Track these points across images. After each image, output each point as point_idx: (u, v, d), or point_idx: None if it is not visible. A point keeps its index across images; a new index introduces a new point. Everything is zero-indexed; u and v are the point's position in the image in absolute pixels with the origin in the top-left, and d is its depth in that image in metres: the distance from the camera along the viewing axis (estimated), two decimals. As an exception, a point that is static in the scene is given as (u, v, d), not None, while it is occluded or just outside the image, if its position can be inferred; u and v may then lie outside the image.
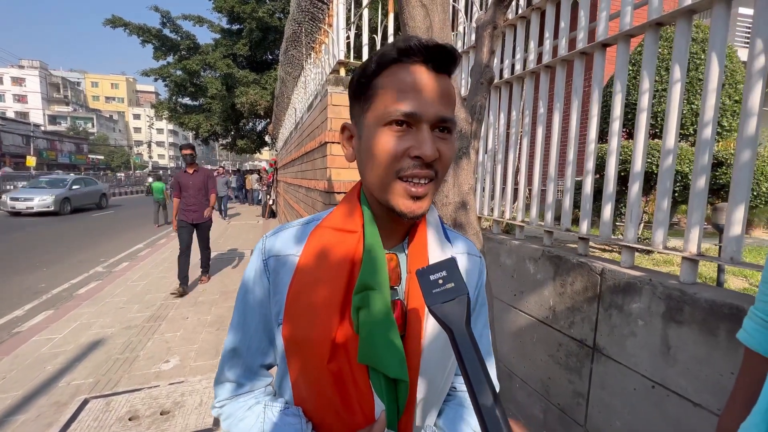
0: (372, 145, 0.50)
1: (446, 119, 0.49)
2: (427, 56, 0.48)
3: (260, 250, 0.60)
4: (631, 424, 1.29)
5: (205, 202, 4.65)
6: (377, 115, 0.50)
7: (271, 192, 11.97)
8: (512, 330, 1.90)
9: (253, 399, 0.60)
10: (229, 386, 0.61)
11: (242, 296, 0.61)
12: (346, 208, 0.58)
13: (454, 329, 0.39)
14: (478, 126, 1.28)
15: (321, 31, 3.52)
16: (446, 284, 0.42)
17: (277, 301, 0.57)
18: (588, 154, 1.56)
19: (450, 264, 0.43)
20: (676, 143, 1.24)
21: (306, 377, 0.54)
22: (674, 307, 1.15)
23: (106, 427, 2.11)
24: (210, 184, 4.70)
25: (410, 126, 0.48)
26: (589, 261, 1.47)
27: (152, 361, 2.88)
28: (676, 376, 1.15)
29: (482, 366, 0.37)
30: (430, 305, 0.41)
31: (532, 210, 1.89)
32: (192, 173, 4.59)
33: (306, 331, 0.53)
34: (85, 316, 3.75)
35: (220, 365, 0.62)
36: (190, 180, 4.55)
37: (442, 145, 0.50)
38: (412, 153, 0.48)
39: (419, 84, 0.48)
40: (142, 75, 15.32)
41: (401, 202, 0.50)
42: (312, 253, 0.56)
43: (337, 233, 0.56)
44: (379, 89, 0.50)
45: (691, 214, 1.18)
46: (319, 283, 0.53)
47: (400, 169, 0.49)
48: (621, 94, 1.43)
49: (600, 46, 1.51)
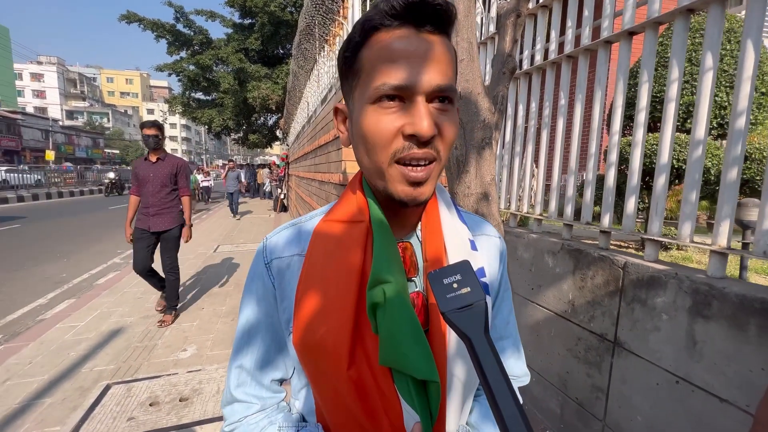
0: (362, 127, 0.44)
1: (444, 88, 0.42)
2: (416, 15, 0.41)
3: (261, 254, 0.54)
4: (652, 420, 1.27)
5: (172, 203, 3.33)
6: (365, 91, 0.44)
7: (282, 186, 12.06)
8: (529, 324, 1.89)
9: (265, 419, 0.54)
10: (239, 407, 0.54)
11: (245, 306, 0.55)
12: (350, 197, 0.53)
13: (473, 339, 0.36)
14: (500, 116, 1.26)
15: (335, 23, 3.51)
16: (461, 289, 0.38)
17: (285, 308, 0.52)
18: (611, 146, 1.53)
19: (465, 267, 0.40)
20: (706, 134, 1.21)
21: (324, 388, 0.48)
22: (701, 301, 1.13)
23: (128, 412, 2.17)
24: (181, 178, 3.37)
25: (403, 100, 0.42)
26: (611, 254, 1.45)
27: (170, 350, 2.95)
28: (702, 372, 1.12)
29: (504, 376, 0.34)
30: (445, 311, 0.37)
31: (551, 203, 1.86)
32: (155, 162, 3.27)
33: (319, 337, 0.46)
34: (105, 305, 3.86)
35: (226, 385, 0.56)
36: (151, 171, 3.25)
37: (442, 118, 0.43)
38: (407, 131, 0.41)
39: (409, 50, 0.41)
40: (156, 70, 15.52)
41: (400, 189, 0.44)
42: (318, 250, 0.50)
43: (342, 225, 0.50)
44: (365, 62, 0.43)
45: (721, 207, 1.15)
46: (328, 281, 0.48)
47: (395, 152, 0.43)
48: (648, 83, 1.39)
49: (626, 35, 1.47)
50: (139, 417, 2.13)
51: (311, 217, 0.57)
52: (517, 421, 0.32)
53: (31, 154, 32.53)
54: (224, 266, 5.49)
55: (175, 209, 3.36)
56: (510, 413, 0.32)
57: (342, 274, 0.48)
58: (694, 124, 1.23)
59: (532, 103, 2.02)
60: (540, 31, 1.95)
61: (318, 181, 4.52)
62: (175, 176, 3.35)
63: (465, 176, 1.18)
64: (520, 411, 0.33)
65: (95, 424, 2.07)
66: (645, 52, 1.41)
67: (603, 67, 1.58)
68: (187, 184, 3.44)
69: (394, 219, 0.52)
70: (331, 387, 0.47)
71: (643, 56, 1.42)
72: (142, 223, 3.25)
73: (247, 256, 6.19)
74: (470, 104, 1.19)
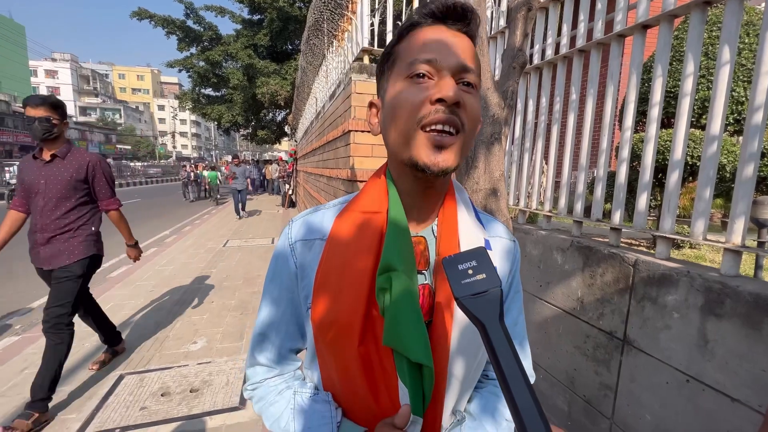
0: (394, 100, 0.49)
1: (468, 69, 0.48)
2: (446, 15, 0.49)
3: (287, 235, 0.59)
4: (661, 418, 1.26)
5: (74, 224, 2.09)
6: (399, 71, 0.50)
7: (290, 182, 12.11)
8: (537, 321, 1.88)
9: (283, 383, 0.61)
10: (260, 370, 0.62)
11: (269, 281, 0.61)
12: (372, 188, 0.57)
13: (487, 325, 0.36)
14: (509, 112, 1.25)
15: (344, 18, 3.50)
16: (476, 275, 0.38)
17: (305, 286, 0.56)
18: (623, 142, 1.51)
19: (481, 253, 0.40)
20: (722, 130, 1.18)
21: (335, 361, 0.53)
22: (714, 299, 1.11)
23: (140, 401, 2.23)
24: (97, 183, 2.16)
25: (431, 77, 0.48)
26: (621, 252, 1.43)
27: (181, 342, 3.00)
28: (713, 371, 1.11)
29: (518, 362, 0.34)
30: (459, 296, 0.38)
31: (560, 200, 1.84)
32: (50, 161, 2.03)
33: (334, 315, 0.51)
34: (117, 298, 3.94)
35: (250, 349, 0.63)
36: (43, 176, 2.01)
37: (465, 95, 0.48)
38: (434, 97, 0.46)
39: (439, 38, 0.48)
40: (167, 66, 15.68)
41: (424, 153, 0.47)
42: (338, 237, 0.54)
43: (362, 215, 0.55)
44: (401, 51, 0.51)
45: (736, 204, 1.12)
46: (345, 265, 0.52)
47: (422, 117, 0.47)
48: (662, 78, 1.36)
49: (640, 28, 1.44)
50: (151, 407, 2.18)
51: (333, 205, 0.61)
52: (530, 405, 0.32)
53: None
54: (233, 261, 5.56)
55: (82, 234, 2.12)
56: (523, 398, 0.32)
57: (358, 260, 0.52)
58: (710, 118, 1.20)
59: (543, 99, 2.00)
60: (551, 25, 1.92)
61: (326, 177, 4.54)
62: (84, 181, 2.11)
63: (474, 172, 1.17)
64: (533, 396, 0.32)
65: (109, 412, 2.13)
66: (659, 45, 1.38)
67: (616, 61, 1.55)
68: (109, 192, 2.24)
69: (413, 211, 0.55)
70: (341, 361, 0.52)
71: (658, 50, 1.39)
72: (32, 256, 2.07)
73: (255, 250, 6.25)
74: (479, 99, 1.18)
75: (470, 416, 0.59)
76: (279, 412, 0.57)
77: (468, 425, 0.57)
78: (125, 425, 2.02)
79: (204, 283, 4.53)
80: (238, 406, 2.21)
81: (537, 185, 2.07)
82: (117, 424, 2.03)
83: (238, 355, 2.81)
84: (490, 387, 0.65)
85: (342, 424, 0.55)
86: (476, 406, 0.61)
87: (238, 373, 2.56)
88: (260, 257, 5.83)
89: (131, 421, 2.05)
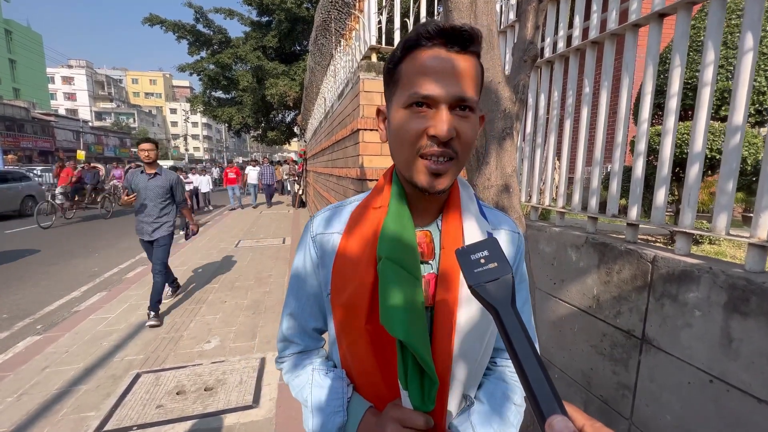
0: (396, 126, 0.54)
1: (465, 98, 0.51)
2: (446, 38, 0.51)
3: (309, 229, 0.68)
4: (683, 419, 1.22)
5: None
6: (401, 98, 0.54)
7: (300, 182, 12.19)
8: (551, 319, 1.84)
9: (306, 359, 0.70)
10: (288, 344, 0.71)
11: (295, 268, 0.69)
12: (379, 187, 0.64)
13: (500, 310, 0.39)
14: (521, 106, 1.22)
15: (352, 17, 3.49)
16: (489, 264, 0.41)
17: (324, 274, 0.64)
18: (639, 135, 1.46)
19: (492, 243, 0.43)
20: (745, 120, 1.14)
21: (347, 339, 0.60)
22: (739, 297, 1.07)
23: (156, 400, 2.27)
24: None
25: (430, 107, 0.51)
26: (638, 248, 1.39)
27: (195, 341, 3.05)
28: (738, 371, 1.07)
29: (531, 345, 0.36)
30: (473, 284, 0.40)
31: (574, 196, 1.80)
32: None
33: (345, 297, 0.59)
34: (133, 298, 4.02)
35: (280, 326, 0.72)
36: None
37: (461, 123, 0.52)
38: (430, 132, 0.51)
39: (437, 66, 0.51)
40: (178, 70, 15.92)
41: (422, 178, 0.54)
42: (350, 230, 0.62)
43: (368, 210, 0.62)
44: (403, 74, 0.54)
45: (761, 197, 1.08)
46: (354, 256, 0.59)
47: (420, 148, 0.52)
48: (680, 68, 1.32)
49: (656, 17, 1.39)
50: (167, 405, 2.22)
51: (350, 202, 0.68)
52: (543, 385, 0.33)
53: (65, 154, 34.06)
54: (245, 261, 5.62)
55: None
56: (536, 378, 0.34)
57: (364, 250, 0.59)
58: (732, 109, 1.16)
59: (555, 92, 1.95)
60: (563, 16, 1.88)
61: (336, 176, 4.54)
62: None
63: (485, 168, 1.15)
64: (546, 376, 0.34)
65: (127, 410, 2.17)
66: (677, 34, 1.33)
67: (631, 52, 1.51)
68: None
69: (418, 208, 0.61)
70: (352, 338, 0.59)
71: (675, 39, 1.34)
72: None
73: (267, 251, 6.31)
74: (490, 94, 1.16)
75: (479, 402, 0.63)
76: (301, 384, 0.66)
77: (477, 410, 0.61)
78: (142, 423, 2.06)
79: (217, 283, 4.59)
80: (252, 405, 2.23)
81: (549, 181, 2.03)
82: (134, 422, 2.06)
83: (251, 354, 2.83)
84: (498, 373, 0.68)
85: (352, 398, 0.61)
86: (484, 391, 0.64)
87: (251, 372, 2.58)
88: (271, 257, 5.88)
89: (148, 419, 2.09)
